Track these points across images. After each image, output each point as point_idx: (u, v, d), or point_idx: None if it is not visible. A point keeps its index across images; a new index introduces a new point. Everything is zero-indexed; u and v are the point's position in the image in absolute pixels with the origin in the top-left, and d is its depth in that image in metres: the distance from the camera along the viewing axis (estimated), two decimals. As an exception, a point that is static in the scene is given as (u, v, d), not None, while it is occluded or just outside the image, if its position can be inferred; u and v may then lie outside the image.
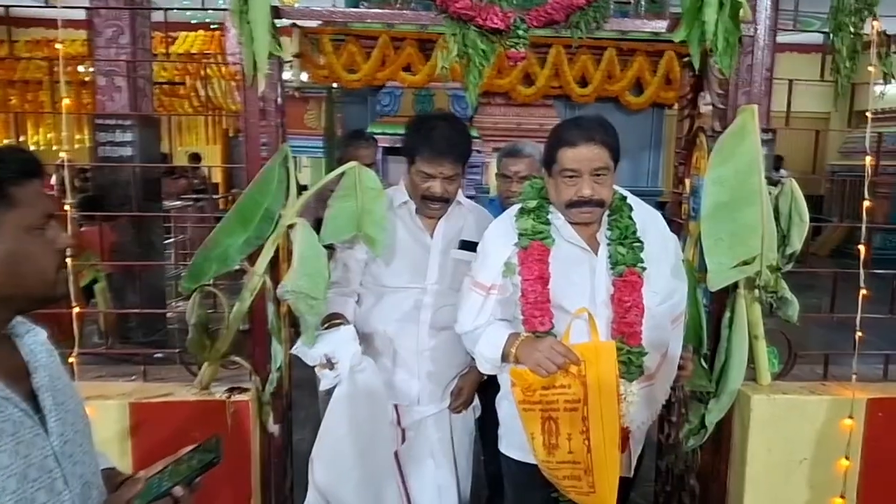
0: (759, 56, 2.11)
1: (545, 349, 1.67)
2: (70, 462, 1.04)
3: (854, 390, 2.28)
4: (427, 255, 2.21)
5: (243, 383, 2.23)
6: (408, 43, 6.02)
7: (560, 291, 1.82)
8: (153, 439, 2.12)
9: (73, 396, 1.12)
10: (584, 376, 1.66)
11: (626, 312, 1.79)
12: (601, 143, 1.78)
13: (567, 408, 1.69)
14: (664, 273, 1.89)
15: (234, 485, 2.16)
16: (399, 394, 2.24)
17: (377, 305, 2.24)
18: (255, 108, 2.18)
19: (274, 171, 2.12)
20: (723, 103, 2.27)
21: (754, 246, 2.04)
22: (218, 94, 8.99)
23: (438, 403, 2.27)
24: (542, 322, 1.79)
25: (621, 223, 1.85)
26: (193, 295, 2.12)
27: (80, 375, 2.22)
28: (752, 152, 2.01)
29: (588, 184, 1.77)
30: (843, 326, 2.51)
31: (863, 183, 2.29)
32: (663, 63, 6.24)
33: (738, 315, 2.17)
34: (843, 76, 2.08)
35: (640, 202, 1.94)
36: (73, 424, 1.08)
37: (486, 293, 1.89)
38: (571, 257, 1.85)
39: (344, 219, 2.08)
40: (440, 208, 2.19)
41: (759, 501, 2.32)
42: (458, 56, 2.10)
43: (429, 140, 2.08)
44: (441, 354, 2.24)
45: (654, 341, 1.85)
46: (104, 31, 5.41)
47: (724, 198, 2.03)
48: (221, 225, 2.11)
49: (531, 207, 1.88)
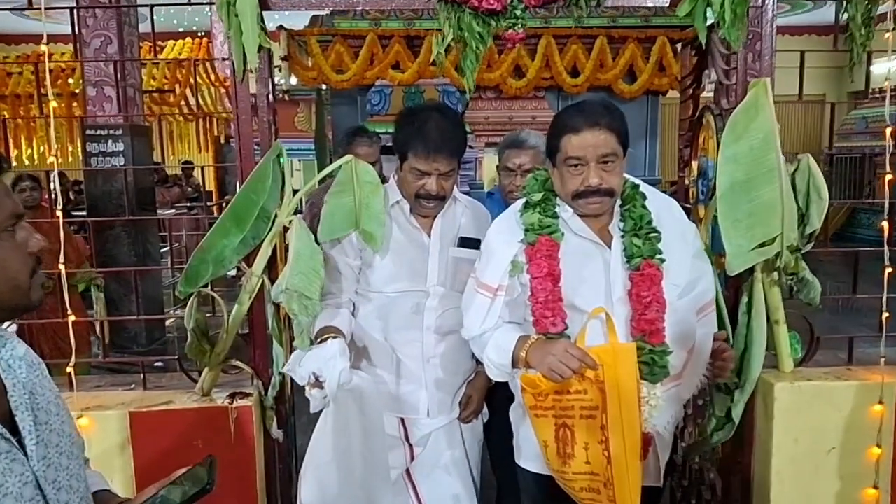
0: (767, 29, 2.04)
1: (559, 352, 1.54)
2: (54, 488, 0.95)
3: (884, 374, 2.17)
4: (425, 255, 2.06)
5: (245, 388, 2.16)
6: (395, 40, 5.94)
7: (572, 289, 1.69)
8: (155, 449, 2.05)
9: (60, 414, 1.02)
10: (603, 382, 1.53)
11: (645, 309, 1.65)
12: (607, 127, 1.65)
13: (583, 415, 1.57)
14: (684, 264, 1.76)
15: (239, 492, 2.09)
16: (405, 406, 2.07)
17: (375, 313, 2.08)
18: (247, 104, 2.12)
19: (268, 169, 2.05)
20: (729, 79, 2.20)
21: (774, 226, 1.96)
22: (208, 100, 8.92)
23: (448, 414, 2.10)
24: (553, 323, 1.67)
25: (635, 213, 1.71)
26: (191, 299, 2.04)
27: (79, 386, 2.14)
28: (768, 127, 1.93)
29: (595, 172, 1.64)
30: (850, 310, 2.43)
31: (861, 164, 2.21)
32: (656, 49, 6.15)
33: (757, 300, 2.08)
34: (857, 44, 2.00)
35: (653, 190, 1.81)
36: (59, 446, 0.98)
37: (492, 295, 1.76)
38: (583, 252, 1.72)
39: (341, 215, 2.00)
40: (436, 207, 2.03)
41: (786, 494, 2.21)
42: (454, 41, 2.02)
43: (421, 134, 1.92)
44: (449, 361, 2.08)
45: (679, 338, 1.71)
46: (92, 41, 5.37)
47: (741, 176, 1.94)
48: (216, 226, 2.04)
49: (536, 201, 1.76)
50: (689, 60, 2.67)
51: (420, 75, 5.96)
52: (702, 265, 1.83)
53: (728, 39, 2.00)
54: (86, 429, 2.02)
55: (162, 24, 6.01)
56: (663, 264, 1.68)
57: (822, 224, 2.10)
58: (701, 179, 2.49)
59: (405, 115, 2.09)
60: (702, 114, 2.49)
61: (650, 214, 1.72)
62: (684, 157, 2.70)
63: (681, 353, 1.73)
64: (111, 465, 2.06)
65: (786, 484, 2.20)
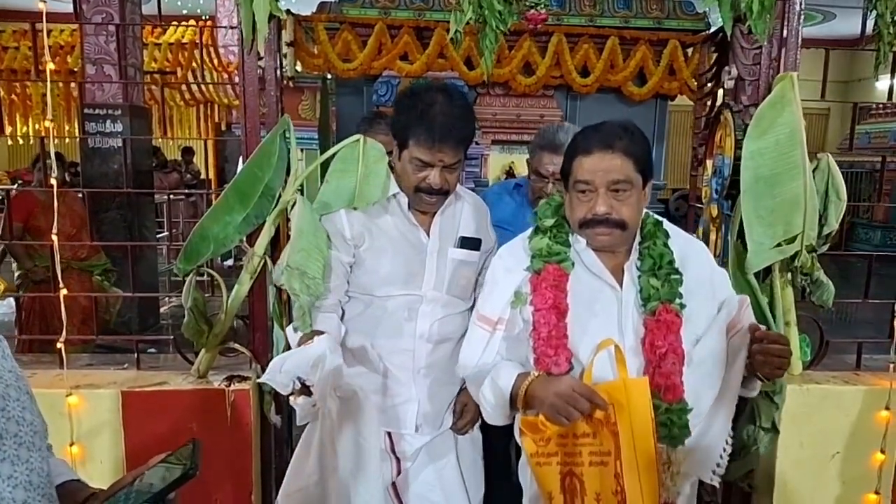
0: (794, 22, 1.98)
1: (565, 391, 1.35)
2: (9, 485, 0.86)
3: (892, 380, 2.14)
4: (422, 255, 1.85)
5: (243, 372, 2.09)
6: (405, 31, 5.89)
7: (578, 333, 1.50)
8: (147, 431, 1.98)
9: (21, 399, 0.93)
10: (615, 424, 1.36)
11: (660, 360, 1.46)
12: (622, 151, 1.46)
13: (593, 461, 1.40)
14: (706, 314, 1.55)
15: (235, 478, 2.03)
16: (392, 420, 1.87)
17: (363, 316, 1.88)
18: (254, 76, 2.04)
19: (274, 144, 1.99)
20: (751, 75, 2.15)
21: (796, 223, 1.91)
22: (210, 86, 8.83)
23: (439, 427, 1.91)
24: (556, 362, 1.48)
25: (654, 251, 1.53)
26: (189, 277, 1.98)
27: (70, 364, 2.07)
28: (794, 122, 1.88)
29: (603, 199, 1.46)
30: (845, 323, 2.40)
31: (862, 179, 2.17)
32: (667, 52, 6.12)
33: (777, 299, 2.02)
34: (884, 43, 1.95)
35: (678, 230, 1.63)
36: (17, 436, 0.89)
37: (491, 328, 1.58)
38: (592, 291, 1.53)
39: (339, 195, 1.87)
40: (437, 202, 1.82)
41: (788, 497, 2.18)
42: (473, 19, 1.96)
43: (425, 119, 1.70)
44: (441, 371, 1.88)
45: (700, 388, 1.50)
46: (93, 17, 5.27)
47: (765, 171, 1.89)
48: (219, 202, 1.97)
49: (547, 226, 1.58)
50: (708, 57, 2.62)
51: (428, 67, 5.92)
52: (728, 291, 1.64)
53: (754, 31, 1.94)
54: (75, 407, 1.96)
55: (165, 7, 5.96)
56: (683, 310, 1.49)
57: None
58: (715, 178, 2.44)
59: (407, 95, 1.82)
60: (719, 111, 2.44)
61: (671, 254, 1.53)
62: (698, 155, 2.65)
63: (704, 401, 1.51)
64: (100, 446, 1.99)
65: (788, 487, 2.18)
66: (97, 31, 5.31)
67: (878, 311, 2.62)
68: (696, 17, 6.37)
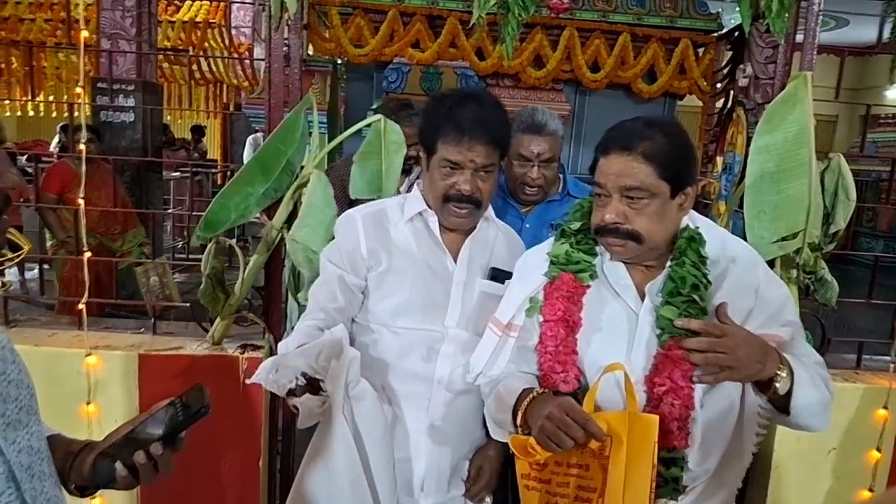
0: (811, 22, 2.02)
1: (557, 416, 1.19)
2: (14, 450, 0.84)
3: (891, 380, 2.19)
4: (448, 284, 1.62)
5: (256, 341, 2.14)
6: (417, 18, 5.90)
7: (585, 348, 1.35)
8: (162, 393, 1.95)
9: (16, 362, 0.90)
10: (607, 458, 1.19)
11: (658, 401, 1.26)
12: (642, 154, 1.27)
13: (578, 496, 1.25)
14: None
15: (244, 445, 2.08)
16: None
17: (374, 350, 1.61)
18: (280, 52, 2.09)
19: (298, 120, 2.03)
20: (766, 73, 2.19)
21: (799, 220, 1.95)
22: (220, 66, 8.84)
23: (446, 493, 1.63)
24: (565, 380, 1.33)
25: (678, 272, 1.30)
26: (209, 245, 2.02)
27: (89, 326, 2.10)
28: (804, 121, 1.91)
29: (614, 206, 1.30)
30: (840, 329, 2.45)
31: (867, 188, 2.21)
32: (678, 51, 6.12)
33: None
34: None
35: (734, 239, 1.42)
36: (17, 400, 0.87)
37: (501, 332, 1.45)
38: (608, 307, 1.37)
39: (367, 178, 2.00)
40: (468, 214, 1.60)
41: (783, 491, 2.22)
42: (496, 6, 2.00)
43: (454, 117, 1.54)
44: (458, 427, 1.62)
45: (711, 440, 1.30)
46: (109, -9, 5.30)
47: (771, 167, 1.92)
48: (241, 173, 2.01)
49: (573, 230, 1.43)
50: (722, 54, 2.66)
51: (440, 56, 5.93)
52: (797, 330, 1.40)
53: (772, 30, 1.98)
54: (93, 367, 2.00)
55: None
56: None
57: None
58: (725, 175, 2.48)
59: (435, 99, 1.66)
60: (732, 108, 2.48)
61: (698, 277, 1.29)
62: (708, 152, 2.69)
63: (710, 460, 1.33)
64: (116, 406, 2.04)
65: (783, 482, 2.22)
66: (114, 5, 5.34)
67: (879, 321, 2.66)
68: (708, 16, 6.38)
